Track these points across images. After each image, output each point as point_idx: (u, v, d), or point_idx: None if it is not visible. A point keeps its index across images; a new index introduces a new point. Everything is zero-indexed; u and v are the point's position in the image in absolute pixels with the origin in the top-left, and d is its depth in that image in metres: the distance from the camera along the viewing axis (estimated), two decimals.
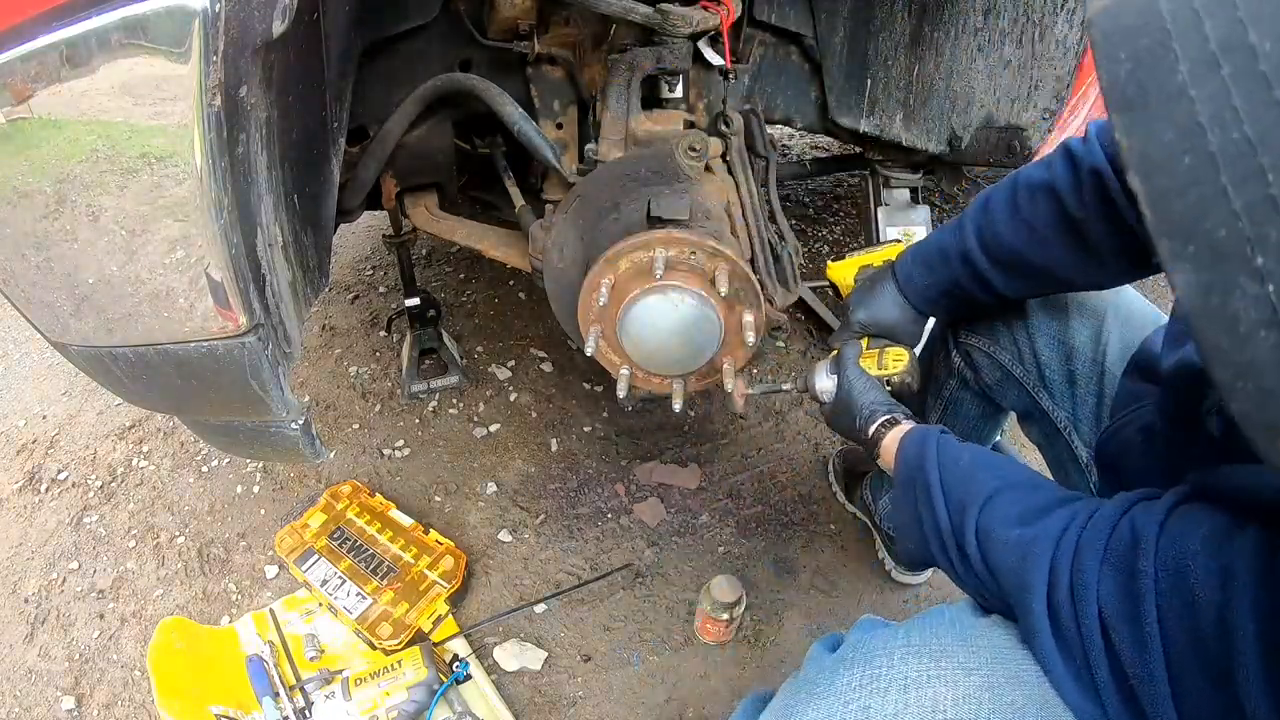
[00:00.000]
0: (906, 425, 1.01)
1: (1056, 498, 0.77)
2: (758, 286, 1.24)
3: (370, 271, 2.63)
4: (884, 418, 1.04)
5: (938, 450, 0.88)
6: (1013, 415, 1.32)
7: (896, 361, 1.17)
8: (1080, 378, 1.12)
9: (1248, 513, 0.58)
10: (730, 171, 1.43)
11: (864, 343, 1.20)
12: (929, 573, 1.66)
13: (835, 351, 1.20)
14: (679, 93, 1.44)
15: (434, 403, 2.08)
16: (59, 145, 0.81)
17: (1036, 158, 1.58)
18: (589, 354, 1.30)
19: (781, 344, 2.26)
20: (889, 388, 1.14)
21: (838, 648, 0.81)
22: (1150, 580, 0.60)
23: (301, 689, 1.38)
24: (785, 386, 1.26)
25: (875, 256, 1.34)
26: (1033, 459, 1.43)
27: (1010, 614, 0.75)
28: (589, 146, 1.38)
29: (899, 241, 1.36)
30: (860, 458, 1.85)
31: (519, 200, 1.57)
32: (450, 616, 1.55)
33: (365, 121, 1.46)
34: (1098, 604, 0.63)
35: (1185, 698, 0.57)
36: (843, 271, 1.37)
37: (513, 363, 2.21)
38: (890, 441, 1.00)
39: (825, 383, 1.18)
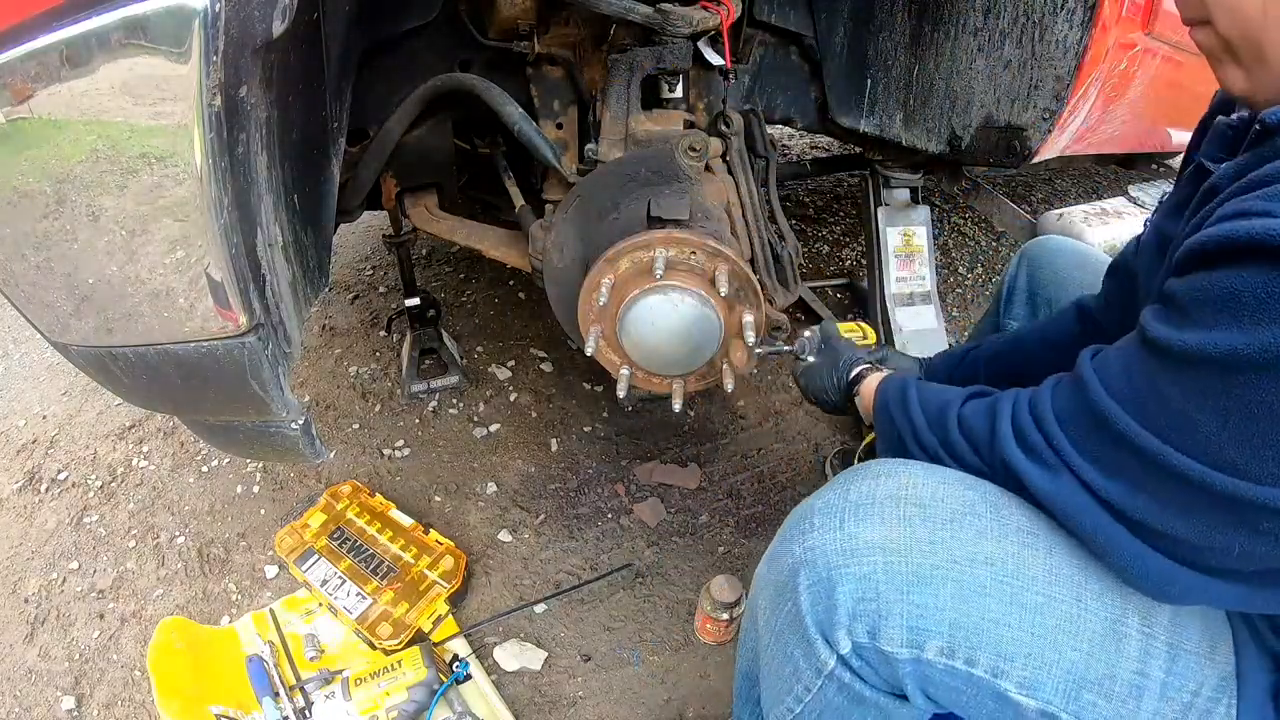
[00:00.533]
0: (885, 371, 1.17)
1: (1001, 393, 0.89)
2: (758, 286, 1.25)
3: (370, 271, 2.64)
4: (864, 365, 1.21)
5: (916, 386, 0.98)
6: None
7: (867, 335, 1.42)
8: None
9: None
10: (730, 171, 1.43)
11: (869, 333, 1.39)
12: None
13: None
14: (679, 93, 1.44)
15: (434, 403, 2.08)
16: (59, 145, 0.80)
17: (1036, 158, 1.59)
18: (589, 354, 1.30)
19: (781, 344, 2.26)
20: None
21: None
22: (1093, 377, 0.73)
23: (301, 689, 1.38)
24: (786, 347, 1.38)
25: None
26: None
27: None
28: (589, 146, 1.38)
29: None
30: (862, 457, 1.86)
31: (519, 200, 1.57)
32: (450, 616, 1.55)
33: (365, 121, 1.46)
34: (1052, 408, 0.76)
35: (1140, 417, 0.68)
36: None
37: (513, 363, 2.21)
38: (870, 382, 1.14)
39: (811, 342, 1.33)
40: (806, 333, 1.34)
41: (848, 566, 0.78)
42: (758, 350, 1.32)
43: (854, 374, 1.21)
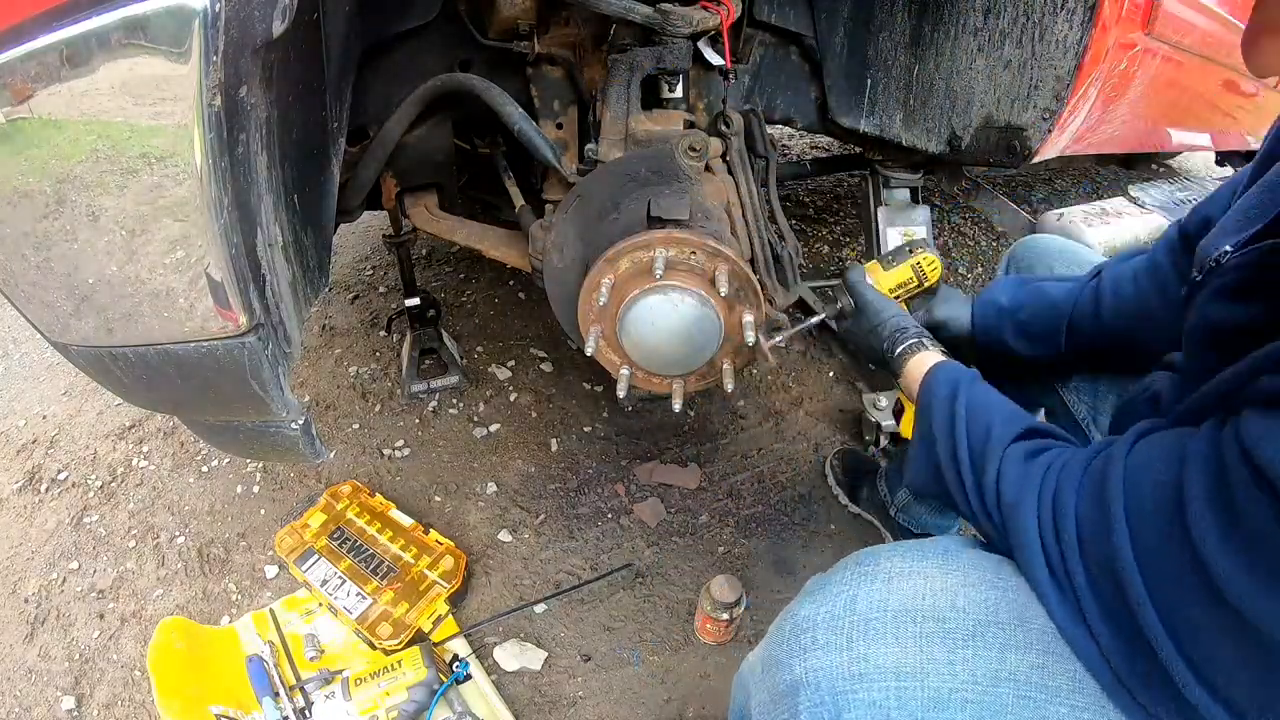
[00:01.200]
0: (935, 353, 1.05)
1: (1054, 442, 0.83)
2: (758, 286, 1.24)
3: (370, 271, 2.63)
4: (912, 340, 1.08)
5: (969, 391, 0.91)
6: None
7: (932, 270, 1.32)
8: (1103, 375, 1.15)
9: (1200, 420, 0.67)
10: (730, 171, 1.43)
11: (876, 269, 1.29)
12: None
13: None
14: (679, 93, 1.44)
15: (434, 403, 2.08)
16: (59, 145, 0.80)
17: (1036, 158, 1.59)
18: (589, 354, 1.30)
19: (781, 344, 2.26)
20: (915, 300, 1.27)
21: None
22: (1119, 485, 0.68)
23: (301, 689, 1.38)
24: (813, 319, 1.29)
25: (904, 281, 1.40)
26: None
27: (1000, 547, 0.80)
28: (589, 146, 1.38)
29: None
30: (863, 458, 1.86)
31: (519, 200, 1.57)
32: (450, 616, 1.55)
33: (365, 121, 1.46)
34: (1075, 519, 0.71)
35: (1157, 578, 0.63)
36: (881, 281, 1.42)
37: (513, 363, 2.21)
38: (916, 366, 1.04)
39: (843, 311, 1.24)
40: (839, 304, 1.25)
41: (856, 692, 0.72)
42: (780, 339, 1.28)
43: (900, 349, 1.09)
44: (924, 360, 1.04)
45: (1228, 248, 0.77)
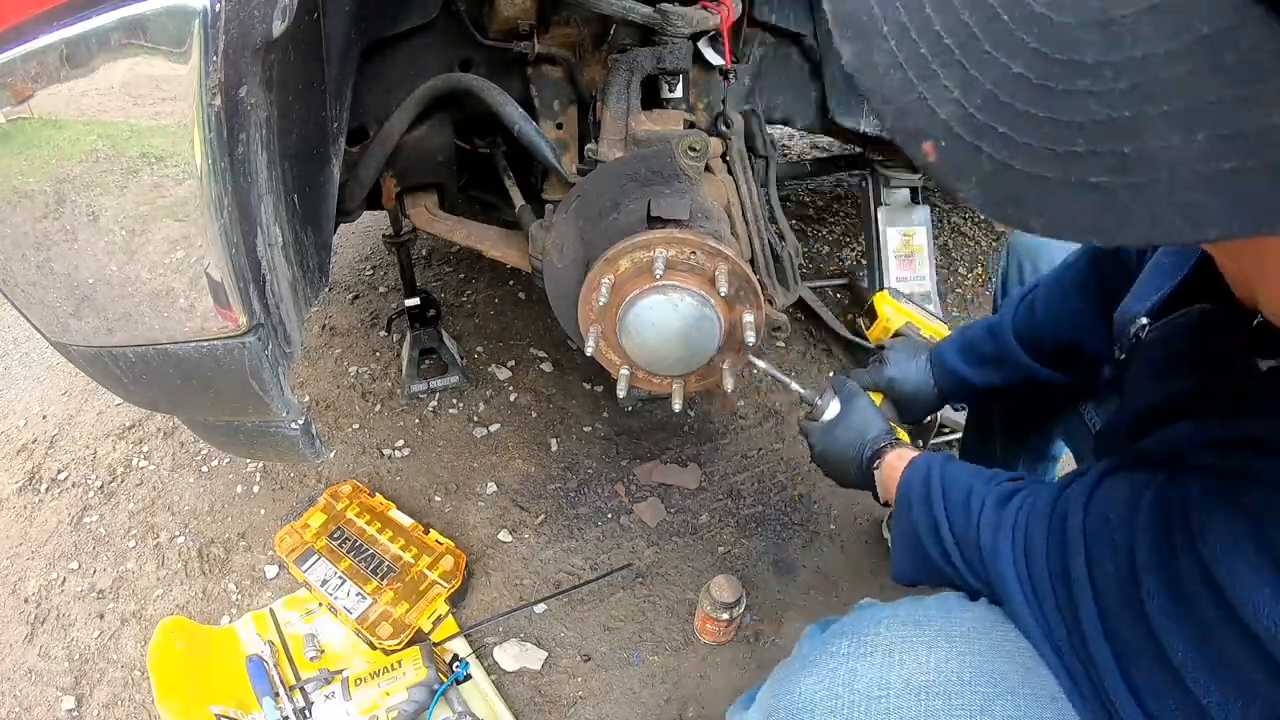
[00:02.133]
0: (905, 450, 1.04)
1: (1019, 487, 0.83)
2: (758, 286, 1.24)
3: (370, 271, 2.63)
4: (887, 442, 1.08)
5: (942, 470, 0.91)
6: None
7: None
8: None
9: (1156, 467, 0.68)
10: (730, 171, 1.43)
11: (878, 401, 1.22)
12: None
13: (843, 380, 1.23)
14: (679, 93, 1.44)
15: (434, 403, 2.08)
16: (59, 145, 0.81)
17: None
18: (589, 354, 1.30)
19: (781, 344, 2.25)
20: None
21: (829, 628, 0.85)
22: (1079, 538, 0.68)
23: (301, 689, 1.38)
24: (793, 385, 1.24)
25: (925, 325, 1.43)
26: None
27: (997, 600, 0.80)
28: (589, 146, 1.38)
29: (946, 326, 1.42)
30: None
31: (519, 200, 1.57)
32: (450, 616, 1.55)
33: (365, 121, 1.46)
34: (1046, 568, 0.71)
35: (1114, 634, 0.64)
36: (891, 315, 1.46)
37: (513, 363, 2.21)
38: (889, 468, 1.03)
39: (832, 405, 1.18)
40: (824, 393, 1.21)
41: None
42: (761, 364, 1.25)
43: (869, 456, 1.08)
44: (895, 460, 1.03)
45: (1144, 320, 0.77)
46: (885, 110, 0.37)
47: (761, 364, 1.25)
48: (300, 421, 1.10)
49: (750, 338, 1.20)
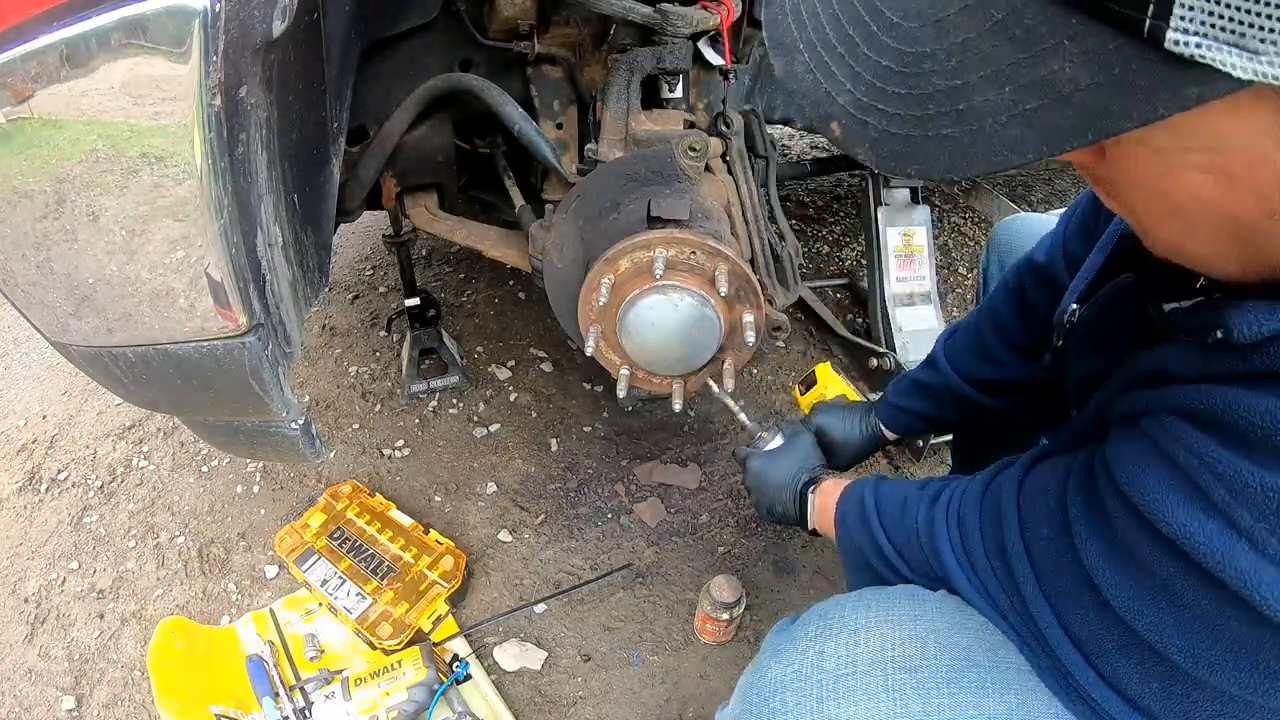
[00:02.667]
0: (839, 479, 1.11)
1: (947, 482, 0.88)
2: (758, 286, 1.24)
3: (370, 271, 2.63)
4: (817, 472, 1.16)
5: (874, 494, 0.95)
6: None
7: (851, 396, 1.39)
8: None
9: (1084, 443, 0.71)
10: (730, 171, 1.43)
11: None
12: None
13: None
14: (679, 93, 1.44)
15: (434, 403, 2.08)
16: (59, 145, 0.81)
17: None
18: (589, 354, 1.30)
19: (781, 344, 2.26)
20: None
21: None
22: (1013, 513, 0.72)
23: (301, 689, 1.38)
24: (742, 416, 1.34)
25: (859, 400, 1.49)
26: None
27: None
28: (589, 146, 1.38)
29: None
30: None
31: (519, 200, 1.57)
32: (450, 616, 1.55)
33: (365, 121, 1.46)
34: (982, 546, 0.75)
35: (1052, 593, 0.67)
36: (829, 386, 1.56)
37: (513, 363, 2.21)
38: (825, 494, 1.09)
39: (776, 439, 1.27)
40: (771, 429, 1.30)
41: None
42: (718, 389, 1.32)
43: (804, 482, 1.14)
44: (830, 488, 1.08)
45: (1074, 306, 0.85)
46: (805, 104, 0.47)
47: (716, 389, 1.32)
48: (300, 421, 1.10)
49: (750, 338, 1.21)
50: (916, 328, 2.06)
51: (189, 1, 0.71)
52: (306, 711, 1.34)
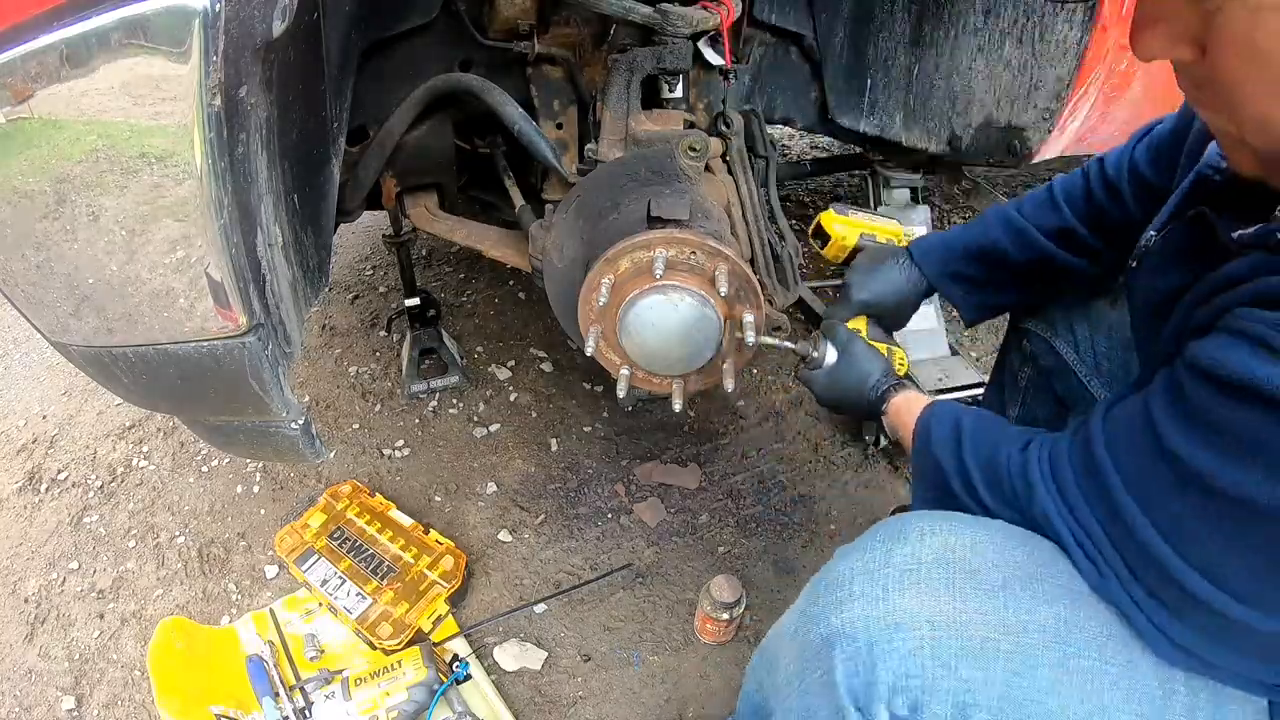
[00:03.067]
0: (916, 394, 1.11)
1: (1041, 432, 0.90)
2: (758, 286, 1.24)
3: (370, 271, 2.64)
4: (893, 383, 1.14)
5: (970, 425, 0.95)
6: None
7: (900, 365, 1.26)
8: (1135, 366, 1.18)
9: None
10: (730, 171, 1.43)
11: (863, 328, 1.26)
12: None
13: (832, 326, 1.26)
14: (679, 93, 1.43)
15: (434, 403, 2.08)
16: (59, 145, 0.80)
17: (1036, 158, 1.59)
18: (589, 354, 1.30)
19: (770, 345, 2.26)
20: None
21: None
22: (1102, 446, 0.76)
23: (301, 689, 1.38)
24: (787, 344, 1.27)
25: (879, 229, 1.42)
26: None
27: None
28: (589, 146, 1.38)
29: (898, 223, 1.40)
30: None
31: (519, 200, 1.57)
32: (450, 616, 1.55)
33: (365, 121, 1.46)
34: (1071, 471, 0.78)
35: (1144, 499, 0.71)
36: (842, 231, 1.46)
37: (513, 363, 2.21)
38: (906, 404, 1.09)
39: (829, 352, 1.22)
40: (814, 340, 1.25)
41: (891, 641, 0.74)
42: (767, 339, 1.26)
43: (880, 395, 1.14)
44: (912, 401, 1.08)
45: (1152, 232, 0.88)
46: None
47: (751, 338, 1.25)
48: (300, 421, 1.10)
49: (750, 338, 1.20)
50: (916, 327, 2.04)
51: (189, 1, 0.71)
52: (306, 711, 1.34)
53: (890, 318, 1.31)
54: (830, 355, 1.22)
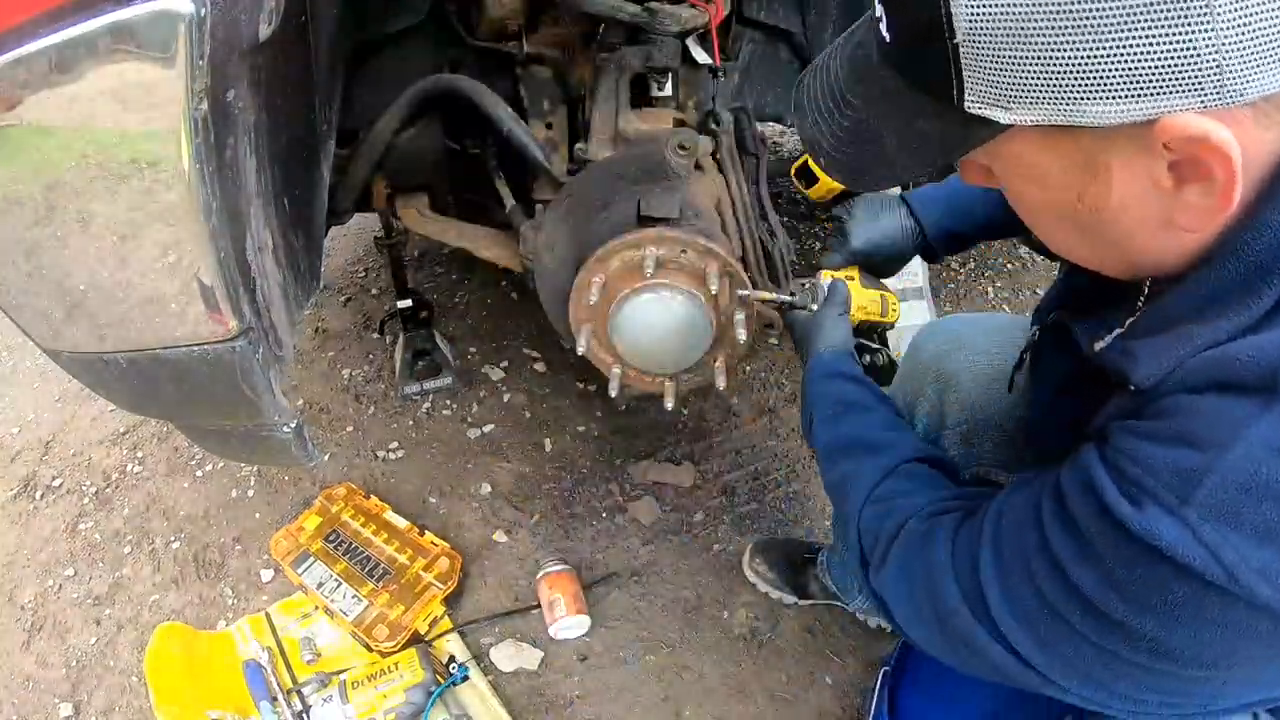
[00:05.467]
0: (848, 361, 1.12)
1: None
2: (748, 283, 1.25)
3: (362, 274, 2.63)
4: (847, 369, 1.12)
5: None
6: None
7: (894, 310, 1.28)
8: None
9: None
10: (720, 169, 1.43)
11: (855, 276, 1.24)
12: None
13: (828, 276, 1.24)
14: (668, 91, 1.44)
15: (427, 404, 2.08)
16: (47, 151, 0.80)
17: None
18: (580, 353, 1.30)
19: (774, 341, 2.26)
20: (879, 329, 1.30)
21: None
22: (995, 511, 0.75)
23: (299, 692, 1.38)
24: (784, 297, 1.22)
25: None
26: None
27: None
28: (579, 146, 1.38)
29: None
30: (794, 545, 1.68)
31: (510, 201, 1.57)
32: (446, 618, 1.55)
33: (355, 124, 1.45)
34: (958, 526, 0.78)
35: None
36: (825, 187, 1.47)
37: (506, 363, 2.21)
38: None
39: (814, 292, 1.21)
40: (812, 290, 1.21)
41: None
42: (772, 296, 1.21)
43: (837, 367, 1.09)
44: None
45: (1034, 327, 0.91)
46: (808, 141, 0.71)
47: (749, 292, 1.24)
48: (292, 425, 1.10)
49: (741, 335, 1.21)
50: (909, 323, 2.06)
51: (175, 6, 0.71)
52: (304, 715, 1.34)
53: (880, 269, 1.27)
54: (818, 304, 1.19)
